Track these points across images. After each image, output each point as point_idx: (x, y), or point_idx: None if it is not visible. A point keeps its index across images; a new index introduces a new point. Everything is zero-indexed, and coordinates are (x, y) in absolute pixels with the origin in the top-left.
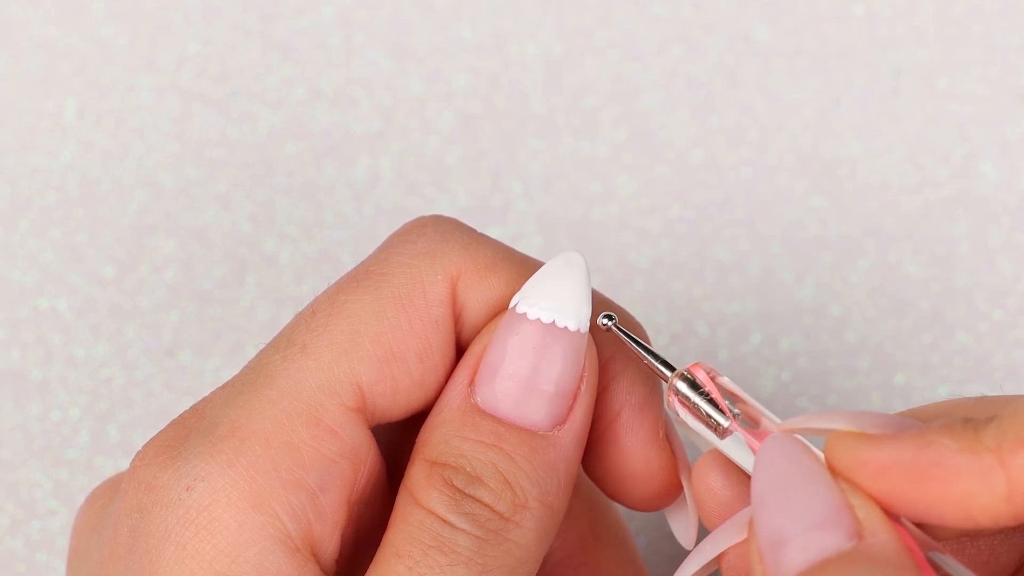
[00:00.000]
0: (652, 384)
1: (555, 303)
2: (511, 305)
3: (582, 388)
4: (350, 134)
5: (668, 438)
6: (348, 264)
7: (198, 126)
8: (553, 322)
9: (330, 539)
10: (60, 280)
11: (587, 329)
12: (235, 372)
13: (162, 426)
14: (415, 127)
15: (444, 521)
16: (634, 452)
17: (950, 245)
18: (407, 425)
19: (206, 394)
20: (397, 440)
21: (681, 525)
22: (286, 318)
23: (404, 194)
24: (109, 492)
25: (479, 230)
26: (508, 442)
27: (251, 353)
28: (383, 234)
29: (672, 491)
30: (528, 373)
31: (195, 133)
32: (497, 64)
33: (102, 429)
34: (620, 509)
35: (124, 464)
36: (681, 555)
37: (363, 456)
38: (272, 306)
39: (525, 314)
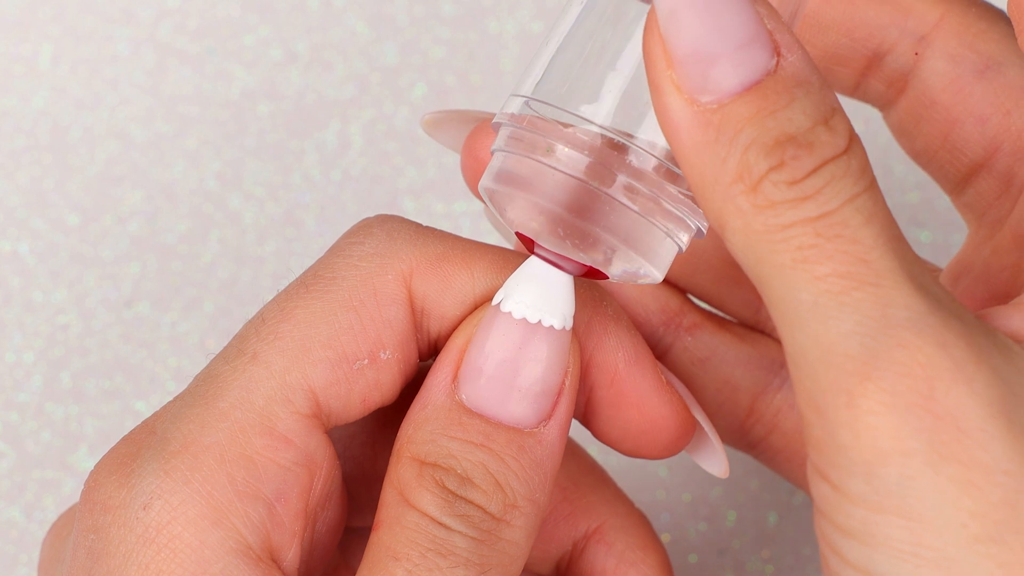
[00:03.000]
0: (637, 336)
1: (540, 302)
2: (494, 302)
3: (566, 383)
4: (323, 99)
5: (668, 380)
6: (312, 228)
7: (172, 81)
8: (539, 321)
9: (290, 545)
10: (24, 224)
11: (571, 326)
12: (191, 327)
13: (115, 375)
14: (388, 96)
15: (439, 523)
16: (643, 404)
17: (916, 251)
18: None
19: (160, 346)
20: (353, 433)
21: (709, 457)
22: (247, 277)
23: (373, 162)
24: (71, 521)
25: (446, 204)
26: (496, 442)
27: (209, 309)
28: (349, 200)
29: (688, 430)
30: (513, 372)
31: (169, 88)
32: (474, 38)
33: (55, 375)
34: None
35: (74, 412)
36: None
37: (319, 461)
38: (233, 264)
39: (510, 313)
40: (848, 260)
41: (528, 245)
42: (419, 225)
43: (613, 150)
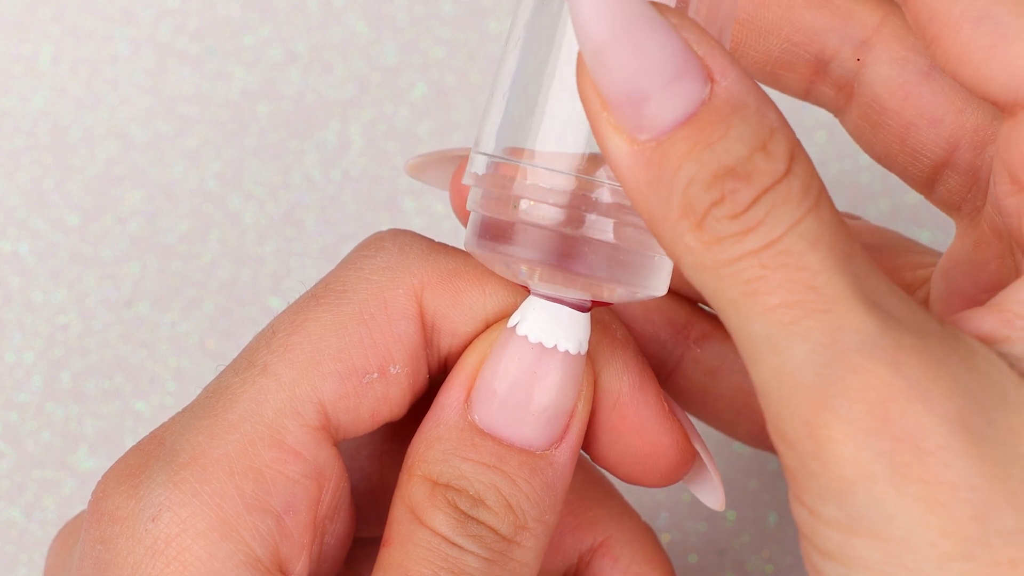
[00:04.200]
0: (643, 362)
1: (556, 326)
2: (510, 324)
3: (579, 406)
4: (323, 99)
5: (671, 408)
6: (312, 228)
7: (172, 81)
8: (555, 346)
9: (298, 558)
10: (24, 224)
11: (586, 350)
12: (191, 327)
13: (115, 375)
14: (388, 96)
15: (452, 543)
16: (644, 430)
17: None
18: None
19: (160, 346)
20: (362, 446)
21: (706, 489)
22: (246, 277)
23: (373, 162)
24: (78, 530)
25: (446, 204)
26: (509, 464)
27: (209, 309)
28: (349, 200)
29: (688, 460)
30: (527, 396)
31: (169, 88)
32: (474, 38)
33: (55, 375)
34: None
35: (74, 412)
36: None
37: (327, 474)
38: (233, 264)
39: (526, 336)
40: (795, 288)
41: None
42: (431, 241)
43: (580, 191)
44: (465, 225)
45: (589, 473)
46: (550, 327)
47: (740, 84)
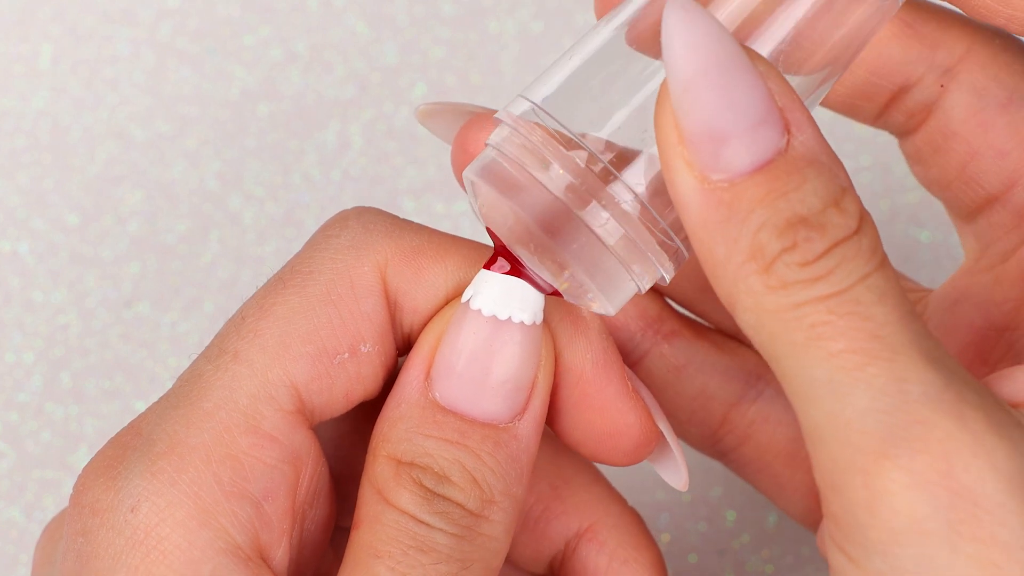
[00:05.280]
0: (608, 340)
1: (508, 298)
2: (464, 299)
3: (539, 377)
4: (323, 99)
5: (634, 388)
6: (312, 228)
7: (172, 81)
8: (508, 318)
9: (279, 543)
10: (23, 224)
11: (541, 320)
12: (191, 327)
13: (115, 375)
14: (388, 96)
15: (419, 521)
16: (607, 408)
17: (915, 252)
18: (349, 415)
19: (160, 346)
20: (341, 430)
21: (669, 469)
22: (246, 277)
23: (373, 162)
24: (64, 524)
25: (446, 204)
26: (471, 439)
27: (209, 309)
28: (349, 200)
29: (651, 439)
30: (485, 369)
31: (169, 88)
32: (474, 38)
33: (55, 375)
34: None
35: (74, 412)
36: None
37: (304, 458)
38: (233, 264)
39: (479, 310)
40: (862, 336)
41: (494, 242)
42: (395, 217)
43: (600, 179)
44: (460, 181)
45: (574, 459)
46: (503, 300)
47: (815, 140)
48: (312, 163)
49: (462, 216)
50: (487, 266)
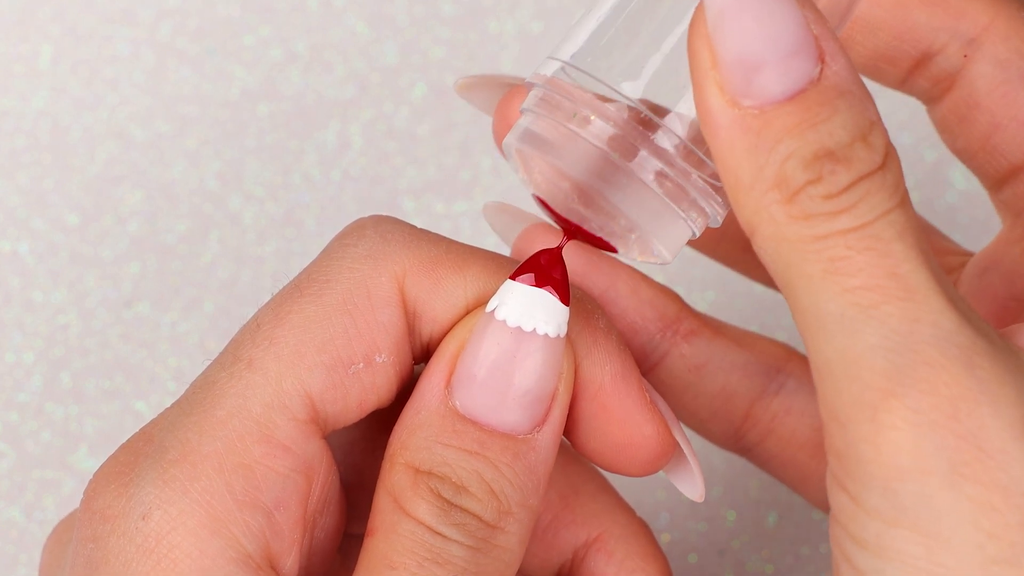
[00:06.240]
0: (625, 352)
1: (534, 309)
2: (488, 309)
3: (559, 389)
4: (323, 99)
5: (652, 399)
6: (312, 227)
7: (172, 81)
8: (533, 329)
9: (289, 553)
10: (23, 224)
11: (565, 333)
12: (191, 327)
13: (115, 375)
14: (388, 96)
15: (436, 532)
16: (625, 420)
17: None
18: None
19: (160, 346)
20: (352, 437)
21: (686, 480)
22: (246, 277)
23: (373, 162)
24: (72, 528)
25: (446, 204)
26: (491, 449)
27: (209, 309)
28: (349, 200)
29: (668, 451)
30: (507, 380)
31: (169, 88)
32: (474, 38)
33: (55, 375)
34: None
35: (74, 412)
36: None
37: (316, 467)
38: (233, 264)
39: (504, 320)
40: (879, 273)
41: (544, 208)
42: (413, 227)
43: (642, 128)
44: (502, 151)
45: (583, 468)
46: (529, 311)
47: (848, 71)
48: (312, 163)
49: (462, 216)
50: (513, 277)
